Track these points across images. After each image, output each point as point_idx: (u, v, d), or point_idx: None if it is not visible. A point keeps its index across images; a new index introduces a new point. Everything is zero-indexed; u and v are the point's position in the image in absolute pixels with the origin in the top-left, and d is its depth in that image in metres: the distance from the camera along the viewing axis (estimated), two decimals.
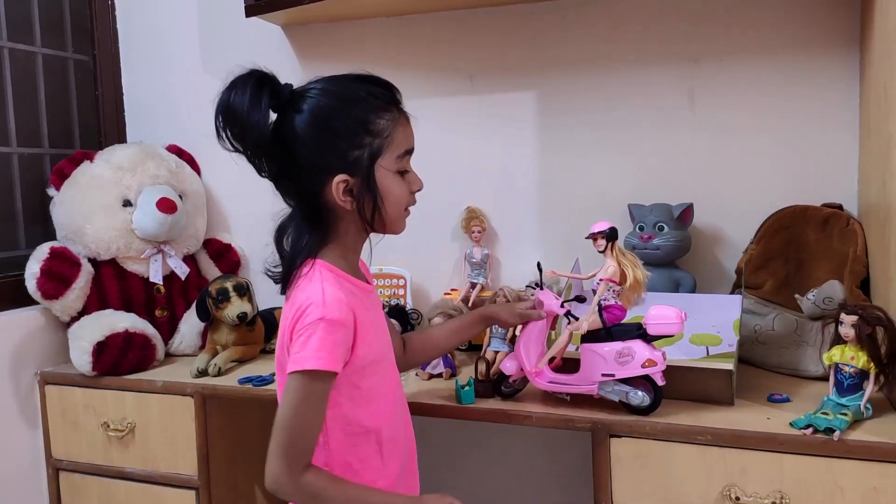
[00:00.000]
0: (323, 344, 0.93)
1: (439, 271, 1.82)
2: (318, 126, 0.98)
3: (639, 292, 1.16)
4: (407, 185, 1.05)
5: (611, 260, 1.17)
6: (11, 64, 1.77)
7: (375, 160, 0.99)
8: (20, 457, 1.67)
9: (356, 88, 0.99)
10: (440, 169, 1.79)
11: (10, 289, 1.68)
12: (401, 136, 1.01)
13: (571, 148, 1.69)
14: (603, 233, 1.17)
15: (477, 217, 1.74)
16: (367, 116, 0.98)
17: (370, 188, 1.00)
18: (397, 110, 1.02)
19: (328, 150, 0.98)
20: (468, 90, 1.75)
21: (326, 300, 0.95)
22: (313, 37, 1.86)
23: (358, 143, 0.98)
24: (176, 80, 2.01)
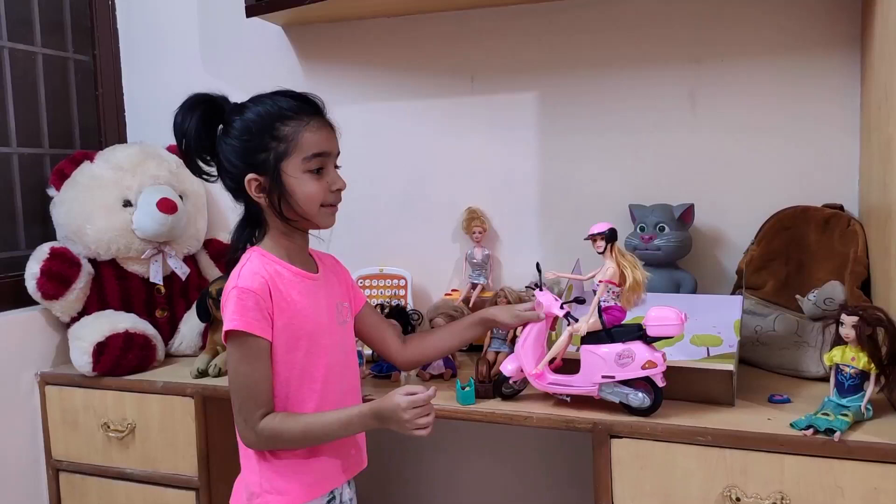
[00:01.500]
0: (235, 308, 1.07)
1: (440, 272, 1.83)
2: (237, 133, 1.12)
3: (638, 293, 1.17)
4: (321, 183, 1.13)
5: (610, 261, 1.17)
6: (11, 64, 1.78)
7: (280, 162, 1.11)
8: (20, 457, 1.68)
9: (271, 101, 1.13)
10: (441, 169, 1.80)
11: (10, 289, 1.69)
12: (307, 141, 1.11)
13: (572, 148, 1.70)
14: (602, 234, 1.18)
15: (478, 218, 1.75)
16: (272, 124, 1.11)
17: (277, 186, 1.11)
18: (306, 118, 1.12)
19: (241, 152, 1.12)
20: (469, 91, 1.76)
21: (241, 273, 1.10)
22: (314, 37, 1.87)
23: (264, 146, 1.11)
24: (176, 79, 2.01)
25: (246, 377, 1.09)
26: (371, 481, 1.82)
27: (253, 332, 1.08)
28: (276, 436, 1.09)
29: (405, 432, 1.07)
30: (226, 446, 1.59)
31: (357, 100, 1.85)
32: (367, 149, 1.85)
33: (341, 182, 1.16)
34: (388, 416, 1.07)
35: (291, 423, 1.09)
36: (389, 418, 1.07)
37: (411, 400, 1.06)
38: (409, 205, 1.84)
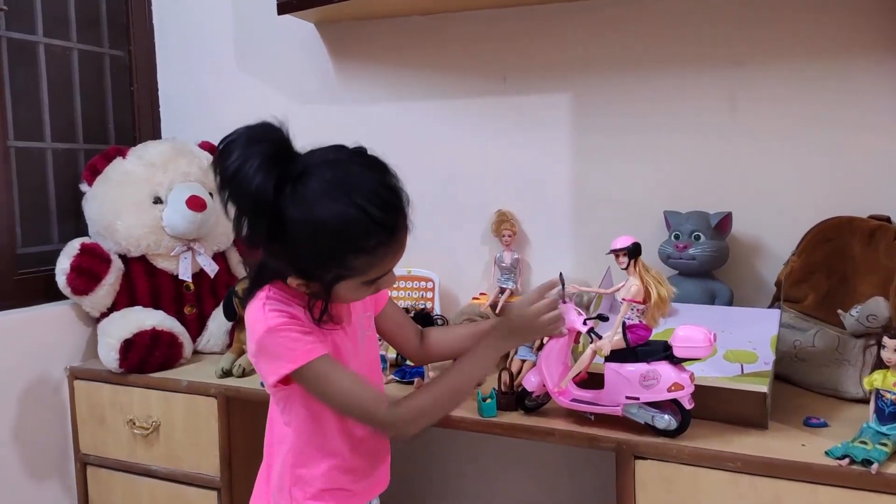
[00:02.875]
0: (279, 351, 0.99)
1: (468, 275, 1.81)
2: (296, 233, 0.94)
3: (664, 310, 1.13)
4: (371, 289, 1.04)
5: (634, 278, 1.14)
6: (47, 59, 1.81)
7: (337, 283, 0.99)
8: (50, 449, 1.72)
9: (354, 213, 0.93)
10: (471, 170, 1.78)
11: (43, 283, 1.72)
12: (374, 270, 0.99)
13: (606, 151, 1.66)
14: (625, 249, 1.14)
15: (508, 221, 1.72)
16: (342, 255, 0.95)
17: (324, 295, 1.00)
18: (382, 249, 0.97)
19: (297, 256, 0.97)
20: (501, 91, 1.73)
21: (267, 313, 0.99)
22: (346, 34, 1.86)
23: (324, 265, 0.97)
24: (210, 76, 2.03)
25: (342, 393, 1.02)
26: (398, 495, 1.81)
27: (311, 358, 0.99)
28: (417, 413, 1.03)
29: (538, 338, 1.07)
30: (248, 447, 1.60)
31: (388, 99, 1.84)
32: (397, 148, 1.78)
33: (392, 282, 1.06)
34: (520, 329, 1.07)
35: (428, 395, 1.05)
36: (520, 331, 1.07)
37: (538, 308, 1.06)
38: (438, 206, 1.82)
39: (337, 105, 1.90)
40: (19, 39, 1.73)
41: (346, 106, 1.89)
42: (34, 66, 1.77)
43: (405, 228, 1.00)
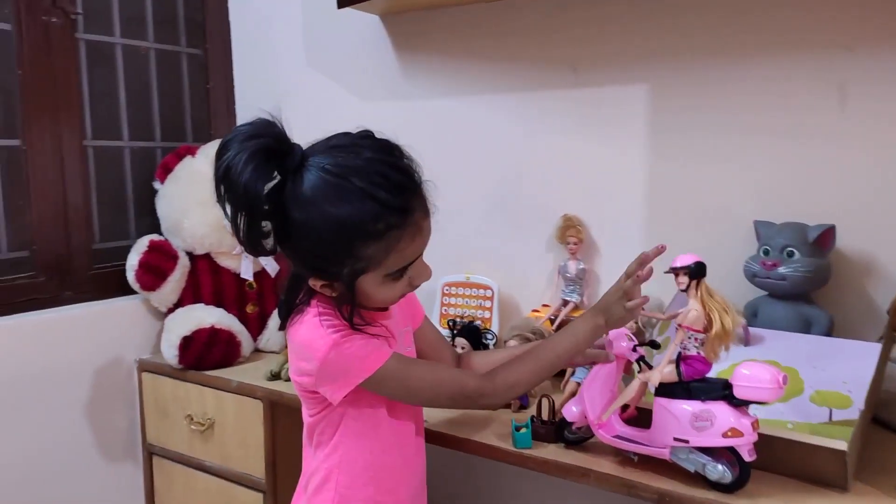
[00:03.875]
0: (352, 362, 0.94)
1: (531, 284, 1.69)
2: (297, 226, 0.89)
3: (726, 343, 0.97)
4: (403, 281, 0.97)
5: (694, 301, 0.98)
6: (125, 59, 1.87)
7: (356, 277, 0.92)
8: (120, 437, 1.79)
9: (349, 205, 0.87)
10: (537, 170, 1.66)
11: (117, 278, 1.78)
12: (395, 259, 0.92)
13: (688, 150, 1.48)
14: (686, 268, 0.99)
15: (574, 227, 1.58)
16: (349, 241, 0.88)
17: (349, 295, 0.94)
18: (397, 231, 0.89)
19: (307, 253, 0.92)
20: (571, 83, 1.59)
21: (326, 329, 0.94)
22: (409, 26, 1.78)
23: (337, 260, 0.90)
24: (281, 72, 2.02)
25: (425, 381, 1.01)
26: None
27: (383, 360, 0.96)
28: (512, 385, 1.03)
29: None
30: (293, 453, 1.58)
31: (451, 92, 1.75)
32: (460, 144, 1.75)
33: (427, 275, 0.99)
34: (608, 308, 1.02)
35: (518, 370, 1.04)
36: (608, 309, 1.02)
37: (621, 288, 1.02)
38: (500, 208, 1.71)
39: (400, 101, 1.83)
40: (96, 41, 1.78)
41: (409, 101, 1.81)
42: (111, 66, 1.82)
43: (422, 211, 0.93)
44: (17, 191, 1.64)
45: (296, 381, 1.02)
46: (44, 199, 1.65)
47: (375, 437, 1.04)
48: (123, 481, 1.80)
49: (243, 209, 0.87)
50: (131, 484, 1.82)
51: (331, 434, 1.04)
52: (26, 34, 1.59)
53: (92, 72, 1.77)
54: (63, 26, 1.65)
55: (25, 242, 1.66)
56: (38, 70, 1.62)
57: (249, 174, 0.85)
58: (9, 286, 1.62)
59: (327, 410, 1.02)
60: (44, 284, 1.67)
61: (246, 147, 0.86)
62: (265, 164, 0.86)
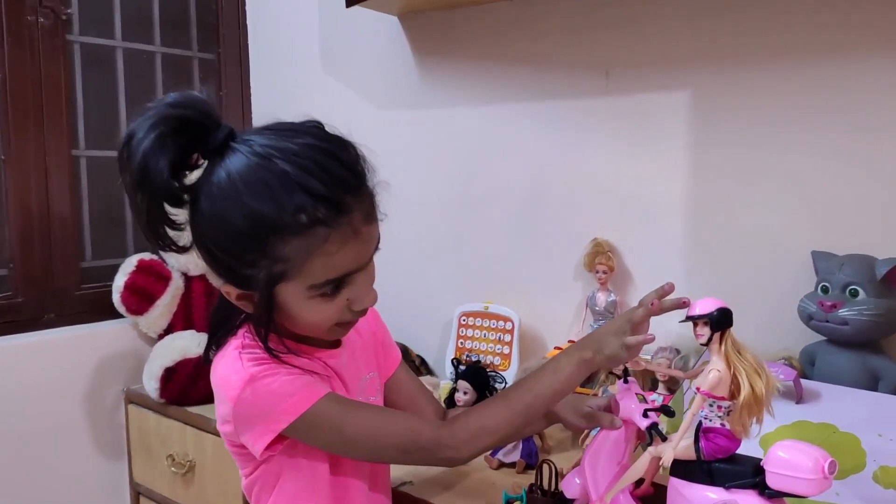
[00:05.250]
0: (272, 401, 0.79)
1: (557, 316, 1.52)
2: (212, 216, 0.76)
3: (758, 414, 0.78)
4: (337, 303, 0.81)
5: (717, 359, 0.80)
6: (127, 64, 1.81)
7: (274, 286, 0.77)
8: (105, 475, 1.71)
9: (266, 190, 0.73)
10: (564, 188, 1.50)
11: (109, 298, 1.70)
12: (318, 267, 0.76)
13: (737, 167, 1.28)
14: (707, 317, 0.81)
15: (604, 253, 1.41)
16: (264, 238, 0.74)
17: (269, 308, 0.79)
18: (323, 229, 0.75)
19: (216, 258, 0.79)
20: (602, 90, 1.42)
21: (244, 363, 0.81)
22: (429, 27, 1.66)
23: (252, 263, 0.76)
24: (297, 77, 1.93)
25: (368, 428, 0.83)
26: None
27: (312, 401, 0.80)
28: (478, 431, 0.84)
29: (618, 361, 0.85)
30: None
31: (471, 100, 1.60)
32: (480, 158, 1.60)
33: (369, 299, 0.83)
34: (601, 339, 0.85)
35: (489, 410, 0.86)
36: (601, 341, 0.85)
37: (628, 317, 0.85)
38: (523, 230, 1.55)
39: (417, 109, 1.70)
40: (93, 44, 1.74)
41: (426, 110, 1.68)
42: (111, 71, 1.77)
43: (363, 214, 0.78)
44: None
45: (221, 431, 0.88)
46: (24, 212, 1.60)
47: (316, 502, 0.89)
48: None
49: (142, 185, 0.74)
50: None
51: (265, 500, 0.89)
52: (8, 35, 1.54)
53: (88, 77, 1.72)
54: (52, 27, 1.61)
55: (3, 260, 1.61)
56: (22, 74, 1.57)
57: (151, 142, 0.73)
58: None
59: (260, 470, 0.88)
60: (23, 305, 1.62)
61: (159, 114, 0.74)
62: (174, 136, 0.74)
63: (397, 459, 0.88)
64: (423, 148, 1.70)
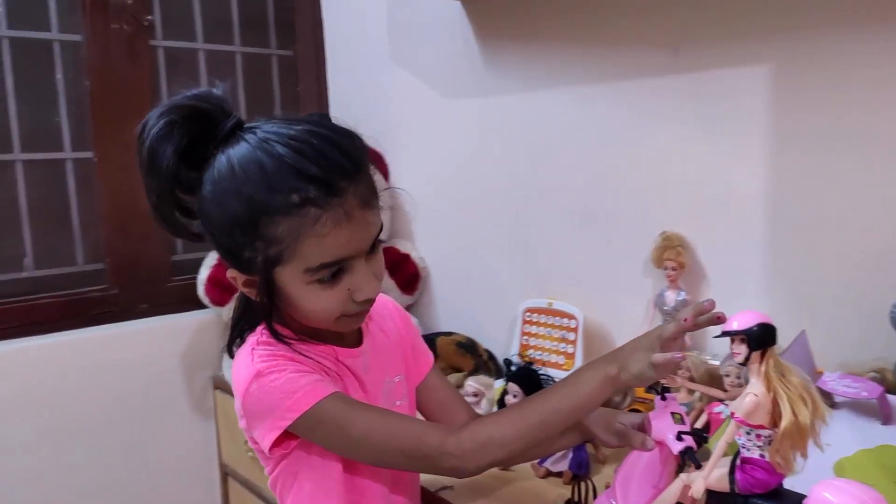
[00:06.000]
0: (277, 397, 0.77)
1: (624, 314, 1.41)
2: (207, 203, 0.77)
3: (801, 448, 0.67)
4: (337, 292, 0.78)
5: (756, 382, 0.69)
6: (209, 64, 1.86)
7: (272, 268, 0.76)
8: (195, 455, 1.79)
9: (260, 173, 0.73)
10: (629, 176, 1.38)
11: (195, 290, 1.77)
12: (311, 249, 0.74)
13: (822, 154, 1.12)
14: (745, 333, 0.69)
15: (674, 247, 1.28)
16: (254, 217, 0.74)
17: (271, 293, 0.78)
18: (314, 210, 0.73)
19: (219, 241, 0.79)
20: (671, 67, 1.28)
21: (255, 358, 0.80)
22: (491, 10, 1.57)
23: (249, 245, 0.76)
24: (370, 70, 1.91)
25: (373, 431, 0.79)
26: None
27: (317, 399, 0.77)
28: (486, 441, 0.78)
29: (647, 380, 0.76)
30: None
31: (534, 85, 1.51)
32: (543, 145, 1.51)
33: (371, 289, 0.79)
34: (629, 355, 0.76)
35: (501, 421, 0.80)
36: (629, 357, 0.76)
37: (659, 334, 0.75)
38: (588, 222, 1.45)
39: (480, 97, 1.62)
40: (176, 48, 1.79)
41: (490, 97, 1.60)
42: (194, 72, 1.82)
43: (358, 199, 0.75)
44: (91, 203, 1.68)
45: (242, 428, 0.86)
46: (116, 210, 1.68)
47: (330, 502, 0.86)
48: (200, 500, 1.80)
49: (150, 170, 0.76)
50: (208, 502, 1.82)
51: (287, 498, 0.87)
52: (94, 43, 1.62)
53: (171, 79, 1.77)
54: (135, 33, 1.66)
55: (99, 255, 1.70)
56: (107, 79, 1.64)
57: (160, 128, 0.75)
58: (83, 298, 1.67)
59: (280, 468, 0.86)
60: (117, 297, 1.71)
61: (172, 103, 0.77)
62: (183, 124, 0.76)
63: (403, 465, 0.83)
64: (485, 137, 1.63)
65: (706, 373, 1.10)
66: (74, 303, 1.66)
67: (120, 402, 1.66)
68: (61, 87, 1.64)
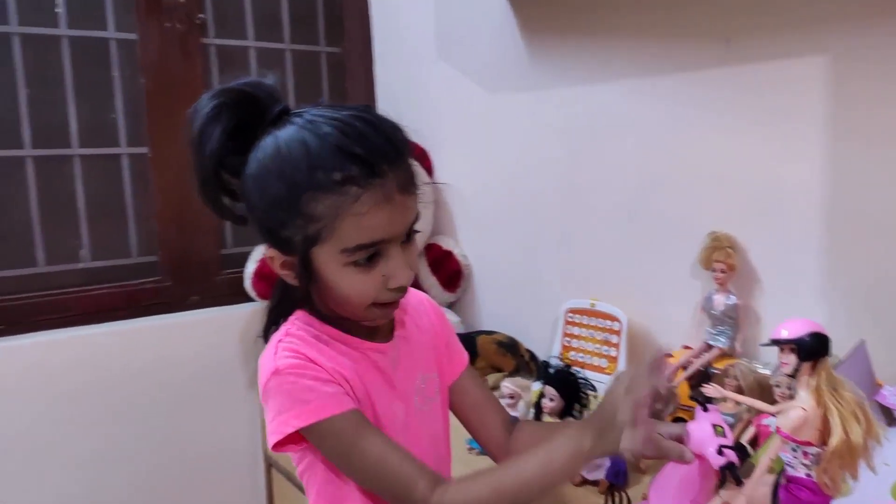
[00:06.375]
0: (290, 399, 0.77)
1: (670, 317, 1.35)
2: (250, 183, 0.77)
3: (852, 469, 0.61)
4: (372, 277, 0.77)
5: (805, 395, 0.64)
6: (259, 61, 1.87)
7: (311, 247, 0.76)
8: (240, 446, 1.80)
9: (303, 151, 0.74)
10: (678, 173, 1.32)
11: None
12: (350, 229, 0.74)
13: (885, 148, 1.04)
14: (793, 344, 0.64)
15: (723, 248, 1.22)
16: (296, 195, 0.74)
17: (307, 274, 0.78)
18: (356, 189, 0.73)
19: (259, 219, 0.79)
20: (722, 59, 1.22)
21: (278, 353, 0.79)
22: (538, 5, 1.53)
23: (286, 221, 0.76)
24: (417, 66, 1.89)
25: (368, 463, 0.78)
26: None
27: (328, 414, 0.77)
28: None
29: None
30: None
31: (580, 79, 1.46)
32: (589, 141, 1.46)
33: (405, 276, 0.78)
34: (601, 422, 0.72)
35: (485, 484, 0.77)
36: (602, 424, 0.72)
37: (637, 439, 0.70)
38: (634, 221, 1.39)
39: (526, 91, 1.58)
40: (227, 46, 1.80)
41: (535, 91, 1.56)
42: (244, 70, 1.83)
43: (398, 183, 0.75)
44: (146, 197, 1.71)
45: None
46: (169, 205, 1.70)
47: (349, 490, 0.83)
48: (244, 491, 1.81)
49: (198, 151, 0.77)
50: (252, 494, 1.82)
51: (309, 484, 0.86)
52: (149, 41, 1.64)
53: (223, 76, 1.79)
54: (187, 32, 1.68)
55: (153, 248, 1.73)
56: (161, 77, 1.66)
57: (209, 110, 0.77)
58: (137, 290, 1.69)
59: (306, 461, 0.85)
60: (170, 288, 1.73)
61: (222, 88, 0.78)
62: (232, 108, 0.77)
63: (388, 500, 0.81)
64: (530, 133, 1.58)
65: (755, 382, 1.04)
66: (129, 294, 1.69)
67: (169, 390, 1.68)
68: (118, 84, 1.67)
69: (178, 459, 1.70)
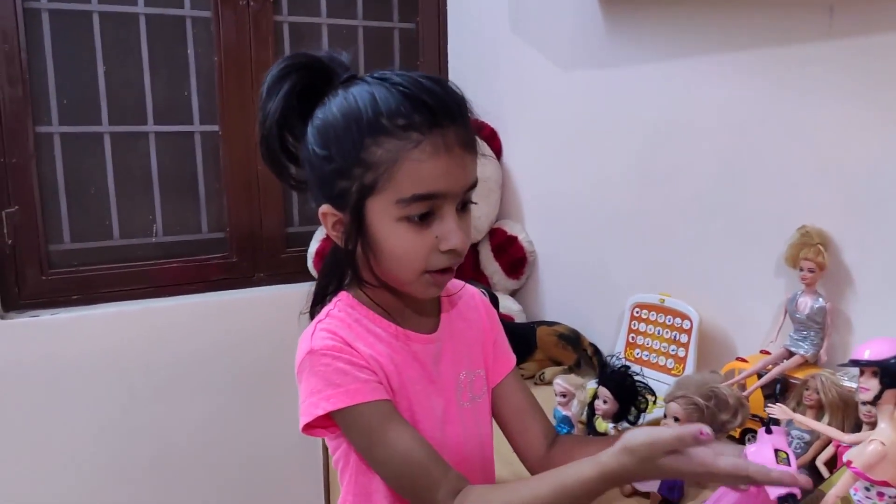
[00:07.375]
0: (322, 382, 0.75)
1: (749, 319, 1.21)
2: (313, 138, 0.76)
3: None
4: (424, 238, 0.74)
5: (887, 426, 0.51)
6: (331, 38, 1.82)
7: (365, 199, 0.74)
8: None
9: (369, 95, 0.73)
10: (766, 160, 1.17)
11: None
12: (407, 174, 0.72)
13: None
14: (876, 366, 0.52)
15: (813, 245, 1.07)
16: (359, 138, 0.72)
17: (357, 232, 0.75)
18: (417, 134, 0.71)
19: (318, 170, 0.77)
20: (824, 32, 1.06)
21: (316, 332, 0.78)
22: None
23: (345, 171, 0.74)
24: (491, 42, 1.79)
25: (392, 457, 0.74)
26: None
27: (365, 400, 0.74)
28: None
29: None
30: None
31: (662, 54, 1.32)
32: (670, 123, 1.32)
33: (458, 239, 0.74)
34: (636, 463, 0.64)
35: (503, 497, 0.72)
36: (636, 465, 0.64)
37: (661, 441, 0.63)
38: (715, 211, 1.25)
39: (604, 68, 1.45)
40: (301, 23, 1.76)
41: (613, 69, 1.43)
42: (317, 47, 1.79)
43: (458, 138, 0.73)
44: (217, 174, 1.71)
45: None
46: (239, 182, 1.70)
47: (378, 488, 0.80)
48: (303, 467, 1.80)
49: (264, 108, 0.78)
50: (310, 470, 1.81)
51: (344, 466, 0.82)
52: (223, 19, 1.62)
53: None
54: (261, 9, 1.65)
55: (222, 224, 1.73)
56: (234, 55, 1.65)
57: (278, 70, 0.78)
58: (205, 265, 1.70)
59: (341, 449, 0.81)
60: (237, 265, 1.73)
61: (295, 54, 0.79)
62: (300, 69, 0.78)
63: (406, 497, 0.76)
64: (605, 114, 1.46)
65: (838, 397, 0.90)
66: (198, 268, 1.70)
67: (232, 365, 1.69)
68: (192, 61, 1.67)
69: (237, 432, 1.71)
